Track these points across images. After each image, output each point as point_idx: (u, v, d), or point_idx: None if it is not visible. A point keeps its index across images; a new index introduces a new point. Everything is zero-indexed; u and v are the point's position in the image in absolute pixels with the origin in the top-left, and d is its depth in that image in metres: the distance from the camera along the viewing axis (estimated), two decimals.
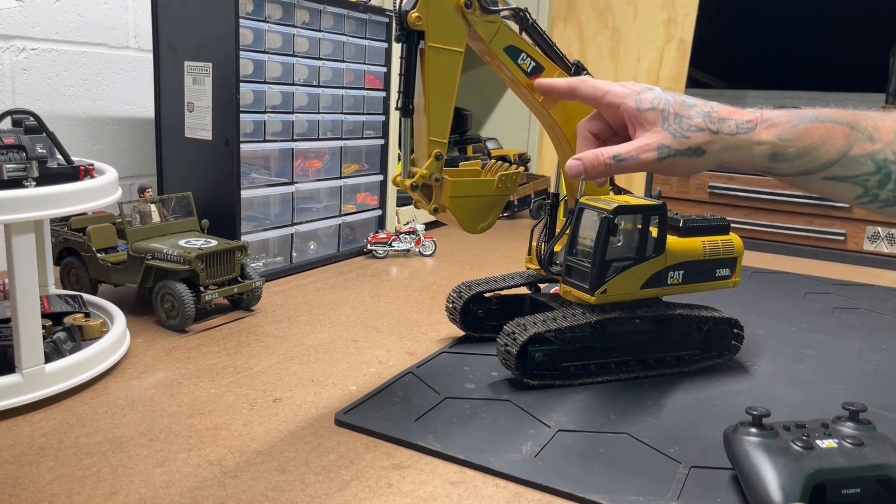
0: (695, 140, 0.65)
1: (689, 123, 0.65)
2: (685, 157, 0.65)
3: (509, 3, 0.80)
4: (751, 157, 0.65)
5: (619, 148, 0.67)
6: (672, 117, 0.66)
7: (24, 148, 0.75)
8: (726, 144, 0.65)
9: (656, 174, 0.68)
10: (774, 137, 0.64)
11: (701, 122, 0.65)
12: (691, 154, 0.65)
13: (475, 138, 2.17)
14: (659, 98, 0.67)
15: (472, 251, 1.58)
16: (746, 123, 0.65)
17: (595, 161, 0.67)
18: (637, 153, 0.65)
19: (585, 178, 0.68)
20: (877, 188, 0.66)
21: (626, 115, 0.68)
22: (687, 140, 0.65)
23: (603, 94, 0.70)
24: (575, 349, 0.86)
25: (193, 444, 0.69)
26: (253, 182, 1.28)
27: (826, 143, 0.64)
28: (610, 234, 0.82)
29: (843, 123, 0.65)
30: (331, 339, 0.99)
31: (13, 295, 0.73)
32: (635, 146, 0.66)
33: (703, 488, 0.64)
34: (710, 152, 0.65)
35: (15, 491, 0.60)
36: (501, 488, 0.64)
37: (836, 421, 0.64)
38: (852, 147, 0.64)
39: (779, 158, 0.65)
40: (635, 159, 0.65)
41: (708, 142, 0.65)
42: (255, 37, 1.21)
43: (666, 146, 0.65)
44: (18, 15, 1.21)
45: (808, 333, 1.11)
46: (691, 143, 0.65)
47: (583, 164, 0.67)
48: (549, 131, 0.88)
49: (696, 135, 0.65)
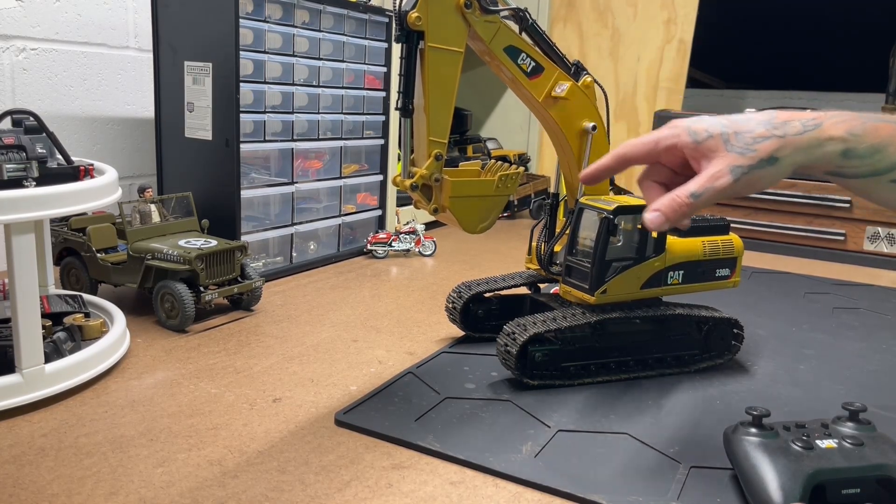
0: (764, 150, 0.63)
1: (751, 136, 0.64)
2: (760, 171, 0.63)
3: (509, 3, 0.80)
4: (824, 156, 0.62)
5: (692, 185, 0.65)
6: (732, 137, 0.64)
7: (23, 148, 0.75)
8: (797, 146, 0.62)
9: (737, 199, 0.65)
10: (845, 132, 0.62)
11: (764, 131, 0.64)
12: (765, 165, 0.63)
13: (475, 138, 2.17)
14: (712, 124, 0.65)
15: (471, 251, 1.58)
16: (812, 121, 0.63)
17: (673, 205, 0.64)
18: (711, 183, 0.63)
19: (669, 226, 0.66)
20: None
21: (687, 151, 0.66)
22: (756, 153, 0.63)
23: (655, 143, 0.68)
24: (575, 349, 0.86)
25: (193, 444, 0.69)
26: (253, 182, 1.28)
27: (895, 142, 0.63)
28: (610, 234, 0.82)
29: None
30: (331, 339, 0.99)
31: (13, 295, 0.73)
32: (707, 176, 0.64)
33: (703, 488, 0.64)
34: (782, 158, 0.63)
35: (15, 491, 0.60)
36: (501, 488, 0.64)
37: (836, 421, 0.64)
38: None
39: (851, 155, 0.62)
40: (712, 189, 0.63)
41: (778, 148, 0.63)
42: (255, 37, 1.21)
43: (737, 166, 0.63)
44: (18, 15, 1.21)
45: (808, 333, 1.11)
46: (762, 155, 0.63)
47: (662, 212, 0.65)
48: (549, 131, 0.88)
49: (762, 145, 0.63)
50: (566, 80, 0.84)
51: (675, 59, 2.11)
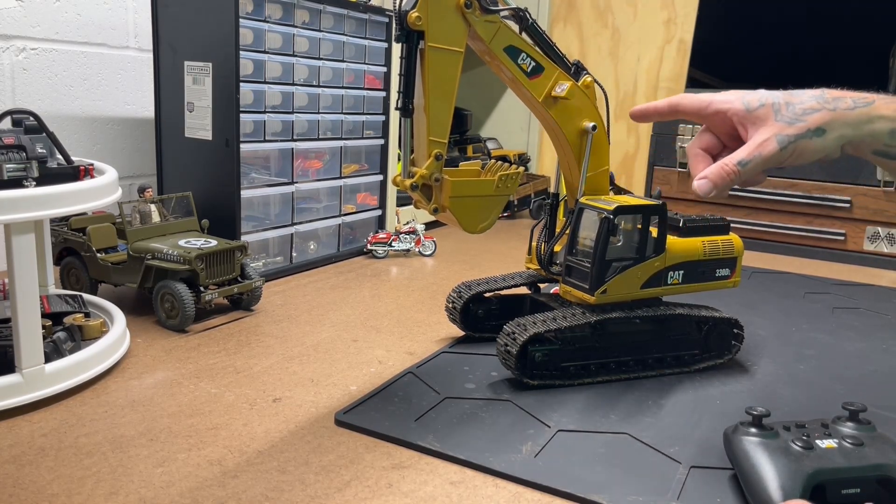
0: (813, 121, 0.64)
1: (802, 108, 0.65)
2: (807, 140, 0.64)
3: (509, 2, 0.80)
4: (872, 133, 0.64)
5: (740, 153, 0.66)
6: (783, 107, 0.65)
7: (23, 148, 0.75)
8: (846, 120, 0.63)
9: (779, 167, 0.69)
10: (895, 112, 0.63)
11: (815, 103, 0.65)
12: (812, 135, 0.64)
13: (475, 138, 2.17)
14: (765, 95, 0.67)
15: (471, 251, 1.58)
16: (863, 99, 0.65)
17: (721, 173, 0.66)
18: (759, 151, 0.65)
19: (716, 193, 0.67)
20: None
21: (736, 118, 0.68)
22: (805, 123, 0.64)
23: (707, 104, 0.70)
24: (575, 349, 0.86)
25: (193, 444, 0.69)
26: (253, 182, 1.28)
27: None
28: (610, 234, 0.82)
29: None
30: (331, 339, 0.99)
31: (13, 295, 0.73)
32: (755, 144, 0.66)
33: (703, 488, 0.64)
34: (830, 130, 0.64)
35: (15, 491, 0.60)
36: (501, 488, 0.64)
37: (835, 421, 0.64)
38: None
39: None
40: (759, 157, 0.65)
41: (827, 121, 0.64)
42: (255, 37, 1.21)
43: (785, 135, 0.64)
44: (18, 15, 1.21)
45: (808, 333, 1.11)
46: (810, 125, 0.64)
47: (710, 179, 0.67)
48: (549, 131, 0.88)
49: (812, 116, 0.64)
50: (566, 79, 0.84)
51: (675, 59, 2.11)
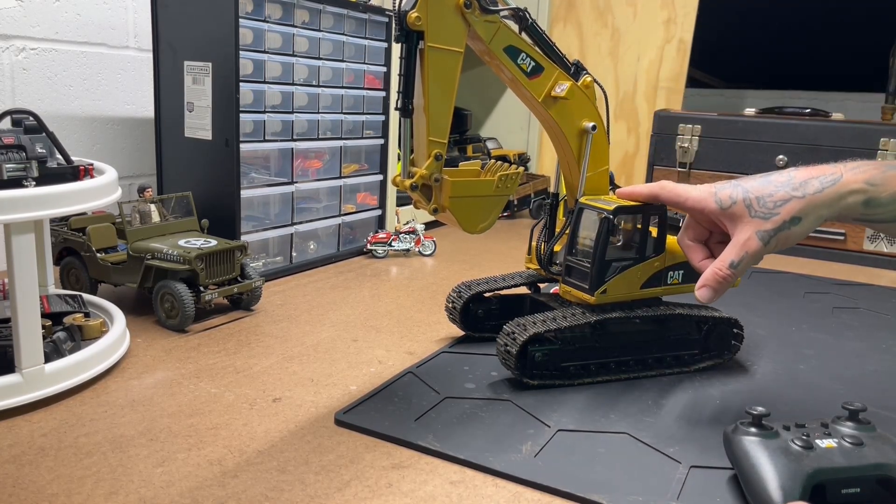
0: (787, 212, 0.67)
1: (772, 201, 0.68)
2: (786, 231, 0.67)
3: (509, 2, 0.80)
4: (847, 207, 0.66)
5: (729, 254, 0.70)
6: (755, 203, 0.68)
7: (23, 148, 0.75)
8: (818, 203, 0.66)
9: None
10: (864, 182, 0.66)
11: (784, 193, 0.67)
12: (789, 225, 0.67)
13: (475, 138, 2.17)
14: (735, 191, 0.70)
15: (471, 251, 1.58)
16: (829, 177, 0.67)
17: (717, 277, 0.70)
18: (745, 249, 0.69)
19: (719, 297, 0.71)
20: None
21: (713, 216, 0.72)
22: (780, 216, 0.67)
23: (684, 199, 0.75)
24: (575, 349, 0.86)
25: (193, 443, 0.69)
26: (253, 182, 1.28)
27: None
28: (610, 234, 0.82)
29: None
30: (331, 338, 0.99)
31: (13, 295, 0.73)
32: (739, 244, 0.69)
33: (703, 488, 0.64)
34: (805, 216, 0.67)
35: (15, 491, 0.60)
36: (501, 488, 0.64)
37: (835, 421, 0.64)
38: None
39: (873, 204, 0.66)
40: (747, 255, 0.69)
41: (800, 209, 0.66)
42: (254, 36, 1.21)
43: (764, 231, 0.67)
44: (18, 14, 1.21)
45: (808, 333, 1.11)
46: (784, 217, 0.67)
47: (709, 287, 0.71)
48: (549, 131, 0.88)
49: (785, 207, 0.67)
50: (566, 79, 0.84)
51: (675, 59, 2.11)
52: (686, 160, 1.89)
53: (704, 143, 1.87)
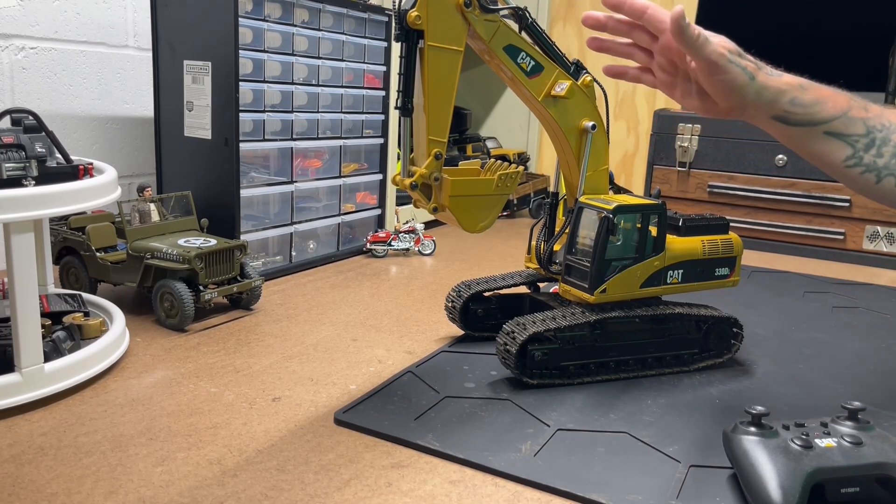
0: (750, 66, 0.75)
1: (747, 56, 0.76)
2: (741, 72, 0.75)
3: (509, 2, 0.80)
4: (778, 97, 0.75)
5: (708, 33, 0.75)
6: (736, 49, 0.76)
7: (23, 147, 0.75)
8: (765, 80, 0.75)
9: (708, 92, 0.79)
10: (797, 84, 0.76)
11: (751, 58, 0.76)
12: (746, 73, 0.75)
13: (475, 137, 2.17)
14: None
15: (471, 250, 1.58)
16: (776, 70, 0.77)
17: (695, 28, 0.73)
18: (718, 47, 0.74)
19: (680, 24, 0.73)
20: (863, 151, 0.76)
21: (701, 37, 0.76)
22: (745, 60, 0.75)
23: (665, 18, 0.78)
24: (574, 348, 0.86)
25: (193, 443, 0.69)
26: (252, 181, 1.28)
27: (832, 100, 0.76)
28: (609, 234, 0.82)
29: (843, 93, 0.77)
30: (330, 338, 0.99)
31: (12, 294, 0.73)
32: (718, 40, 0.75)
33: (703, 487, 0.64)
34: (756, 80, 0.75)
35: (14, 490, 0.60)
36: (501, 487, 0.64)
37: (835, 420, 0.64)
38: (851, 109, 0.76)
39: (797, 103, 0.76)
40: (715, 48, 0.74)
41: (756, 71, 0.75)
42: (254, 36, 1.21)
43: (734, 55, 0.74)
44: (18, 14, 1.21)
45: (808, 333, 1.11)
46: (748, 66, 0.75)
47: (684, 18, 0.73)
48: (549, 130, 0.88)
49: (749, 63, 0.75)
50: (566, 79, 0.84)
51: None
52: (686, 159, 1.89)
53: (704, 143, 1.87)
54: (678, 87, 0.82)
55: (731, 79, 0.75)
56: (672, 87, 0.83)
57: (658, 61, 0.82)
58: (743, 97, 0.76)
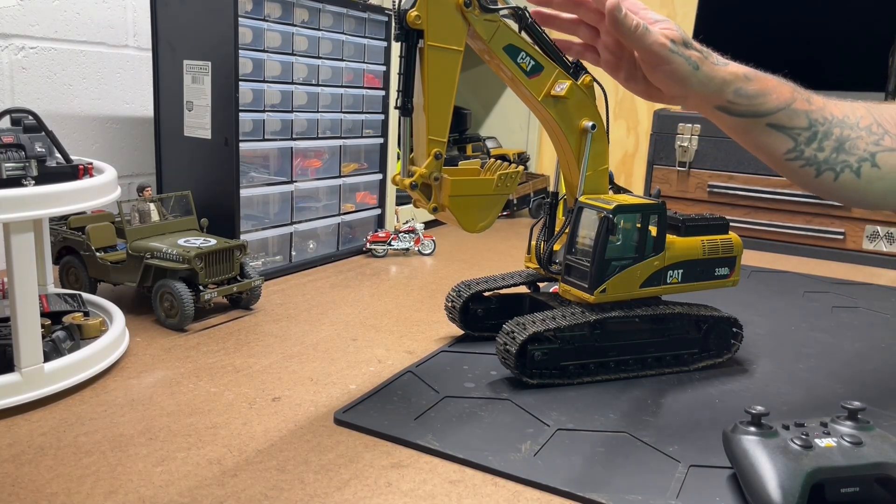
0: (694, 55, 0.75)
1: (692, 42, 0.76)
2: (685, 62, 0.74)
3: (509, 2, 0.79)
4: (721, 87, 0.75)
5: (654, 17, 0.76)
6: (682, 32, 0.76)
7: (22, 147, 0.75)
8: (710, 70, 0.75)
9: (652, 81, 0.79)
10: (742, 74, 0.75)
11: (698, 45, 0.76)
12: (689, 63, 0.74)
13: (474, 137, 2.17)
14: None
15: (471, 250, 1.58)
16: (722, 59, 0.77)
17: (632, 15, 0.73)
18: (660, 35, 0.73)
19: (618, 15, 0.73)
20: (804, 144, 0.76)
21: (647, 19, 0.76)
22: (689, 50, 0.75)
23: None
24: (574, 348, 0.86)
25: (193, 442, 0.69)
26: (252, 181, 1.28)
27: (776, 91, 0.76)
28: (609, 233, 0.82)
29: (787, 83, 0.77)
30: (330, 337, 0.99)
31: (12, 294, 0.73)
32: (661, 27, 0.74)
33: (703, 487, 0.64)
34: (700, 70, 0.74)
35: (14, 490, 0.60)
36: (501, 487, 0.64)
37: (834, 420, 0.64)
38: (795, 101, 0.76)
39: (741, 94, 0.75)
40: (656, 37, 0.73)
41: (701, 60, 0.75)
42: (254, 35, 1.21)
43: (678, 44, 0.74)
44: (17, 13, 1.21)
45: (808, 332, 1.11)
46: (693, 57, 0.74)
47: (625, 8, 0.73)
48: (549, 130, 0.88)
49: (695, 52, 0.75)
50: (565, 78, 0.84)
51: None
52: (685, 159, 1.89)
53: (704, 143, 1.87)
54: (623, 69, 0.81)
55: (673, 69, 0.74)
56: (617, 69, 0.82)
57: (604, 41, 0.81)
58: (685, 87, 0.75)
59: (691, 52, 0.74)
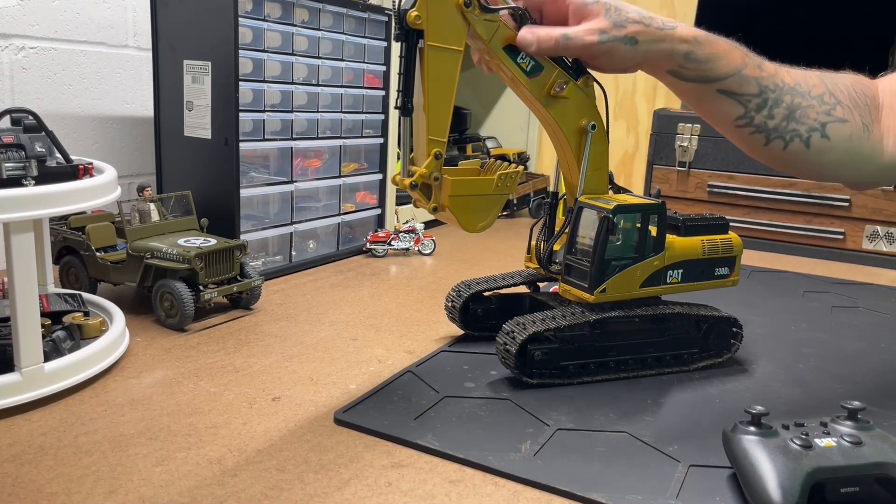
0: (631, 30, 0.74)
1: (626, 15, 0.74)
2: (621, 44, 0.74)
3: (508, 1, 0.79)
4: (671, 52, 0.74)
5: (568, 29, 0.75)
6: (613, 10, 0.74)
7: (23, 147, 0.75)
8: (654, 37, 0.74)
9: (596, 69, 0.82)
10: (692, 37, 0.75)
11: (636, 15, 0.74)
12: (626, 42, 0.74)
13: (474, 137, 2.17)
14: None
15: (471, 250, 1.58)
16: (670, 22, 0.76)
17: (547, 36, 0.75)
18: (583, 35, 0.74)
19: (535, 50, 0.76)
20: (755, 111, 0.75)
21: (573, 7, 0.76)
22: (624, 28, 0.74)
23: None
24: (574, 348, 0.86)
25: (193, 442, 0.69)
26: (252, 181, 1.28)
27: (727, 57, 0.75)
28: (609, 233, 0.82)
29: (739, 48, 0.76)
30: (330, 337, 0.99)
31: (12, 294, 0.73)
32: (581, 28, 0.74)
33: (702, 487, 0.64)
34: (641, 42, 0.74)
35: (14, 490, 0.60)
36: (501, 487, 0.64)
37: (834, 420, 0.64)
38: (746, 67, 0.75)
39: (692, 58, 0.74)
40: (581, 40, 0.74)
41: (640, 31, 0.74)
42: (254, 35, 1.21)
43: (606, 32, 0.73)
44: (17, 13, 1.21)
45: (807, 332, 1.11)
46: (628, 32, 0.73)
47: (537, 36, 0.75)
48: (549, 130, 0.88)
49: (631, 26, 0.74)
50: (565, 79, 0.84)
51: None
52: (685, 159, 1.89)
53: (704, 143, 1.87)
54: None
55: (611, 55, 0.75)
56: None
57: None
58: (629, 62, 0.76)
59: (627, 28, 0.73)
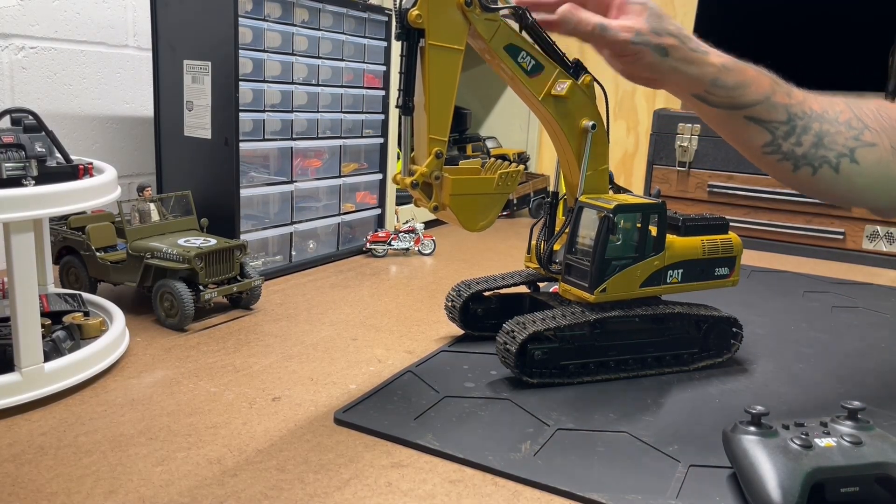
0: (666, 41, 0.73)
1: (666, 26, 0.74)
2: (652, 51, 0.73)
3: (509, 1, 0.79)
4: (699, 76, 0.74)
5: (606, 20, 0.74)
6: (655, 16, 0.74)
7: (23, 147, 0.75)
8: (685, 57, 0.74)
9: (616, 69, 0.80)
10: (721, 64, 0.74)
11: (675, 29, 0.74)
12: (657, 51, 0.73)
13: (475, 137, 2.17)
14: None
15: (471, 250, 1.58)
16: (703, 46, 0.75)
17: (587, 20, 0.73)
18: (619, 30, 0.73)
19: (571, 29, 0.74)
20: (782, 139, 0.75)
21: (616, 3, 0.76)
22: (660, 37, 0.73)
23: None
24: (574, 348, 0.86)
25: (193, 442, 0.69)
26: (252, 181, 1.28)
27: (756, 84, 0.74)
28: (609, 233, 0.82)
29: (767, 75, 0.76)
30: (330, 337, 0.99)
31: (12, 294, 0.73)
32: (619, 24, 0.73)
33: (702, 487, 0.64)
34: (671, 57, 0.73)
35: (14, 490, 0.60)
36: (501, 487, 0.64)
37: (834, 419, 0.64)
38: (774, 94, 0.75)
39: (719, 84, 0.74)
40: (616, 35, 0.72)
41: (674, 46, 0.73)
42: (254, 35, 1.21)
43: (642, 34, 0.73)
44: (17, 13, 1.21)
45: (807, 332, 1.11)
46: (662, 42, 0.73)
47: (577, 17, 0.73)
48: (549, 130, 0.88)
49: (668, 38, 0.73)
50: (566, 78, 0.84)
51: None
52: (685, 159, 1.89)
53: (704, 143, 1.87)
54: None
55: (639, 58, 0.74)
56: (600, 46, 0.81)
57: None
58: (654, 72, 0.75)
59: (663, 38, 0.73)
